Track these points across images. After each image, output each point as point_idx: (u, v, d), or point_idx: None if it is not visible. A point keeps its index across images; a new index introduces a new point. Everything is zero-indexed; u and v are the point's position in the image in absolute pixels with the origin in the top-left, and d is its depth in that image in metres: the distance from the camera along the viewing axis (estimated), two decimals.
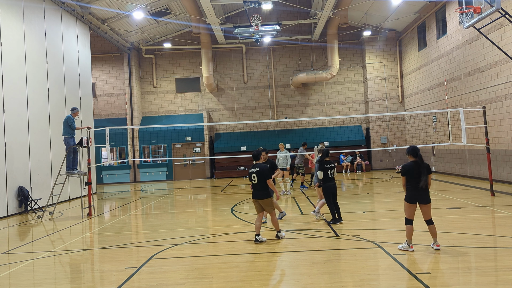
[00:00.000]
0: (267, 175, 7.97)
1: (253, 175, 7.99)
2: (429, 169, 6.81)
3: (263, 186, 7.97)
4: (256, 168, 8.02)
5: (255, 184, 8.02)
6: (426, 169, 6.75)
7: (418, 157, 6.81)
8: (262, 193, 8.00)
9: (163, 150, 26.12)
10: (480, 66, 16.61)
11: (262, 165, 8.10)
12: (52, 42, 16.67)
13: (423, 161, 6.80)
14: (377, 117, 25.72)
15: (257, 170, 7.98)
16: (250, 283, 5.69)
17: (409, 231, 6.82)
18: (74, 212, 13.64)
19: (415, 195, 6.75)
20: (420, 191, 6.71)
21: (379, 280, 5.59)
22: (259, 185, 7.97)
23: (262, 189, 7.98)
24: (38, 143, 15.14)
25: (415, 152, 6.86)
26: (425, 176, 6.68)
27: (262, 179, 7.93)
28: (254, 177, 7.98)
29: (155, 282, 5.90)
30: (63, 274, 6.75)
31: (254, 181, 8.00)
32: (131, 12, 20.64)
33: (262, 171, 7.95)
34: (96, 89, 26.32)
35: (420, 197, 6.74)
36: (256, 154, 8.28)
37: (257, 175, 7.95)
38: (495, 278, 5.48)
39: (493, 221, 9.25)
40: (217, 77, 26.93)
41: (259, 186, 7.98)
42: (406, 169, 6.85)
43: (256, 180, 7.97)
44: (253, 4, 18.84)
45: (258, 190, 8.03)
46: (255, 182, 8.00)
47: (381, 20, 24.31)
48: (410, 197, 6.80)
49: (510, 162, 15.05)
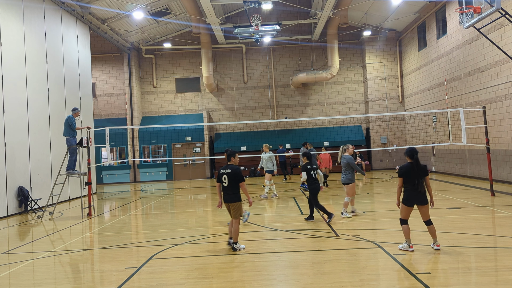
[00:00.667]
0: (240, 177, 7.43)
1: (224, 176, 7.45)
2: (426, 171, 6.80)
3: (234, 189, 7.43)
4: (228, 169, 7.48)
5: (225, 186, 7.46)
6: (423, 171, 6.74)
7: (414, 159, 6.77)
8: (233, 196, 7.43)
9: (163, 150, 26.12)
10: (480, 66, 16.61)
11: (234, 167, 7.55)
12: (52, 42, 16.67)
13: (419, 163, 6.78)
14: (377, 117, 25.72)
15: (229, 172, 7.43)
16: (250, 283, 5.69)
17: (406, 231, 6.83)
18: (74, 212, 13.64)
19: (413, 197, 6.73)
20: (418, 194, 6.69)
21: (379, 280, 5.59)
22: (230, 188, 7.42)
23: (233, 192, 7.43)
24: (38, 143, 15.14)
25: (411, 153, 6.83)
26: (422, 179, 6.68)
27: (233, 181, 7.40)
28: (225, 178, 7.44)
29: (155, 282, 5.90)
30: (63, 274, 6.75)
31: (225, 183, 7.44)
32: (131, 12, 20.64)
33: (234, 173, 7.40)
34: (96, 89, 26.32)
35: (418, 200, 6.73)
36: (230, 153, 7.72)
37: (229, 177, 7.40)
38: (495, 278, 5.48)
39: (493, 221, 9.25)
40: (217, 77, 26.94)
41: (230, 189, 7.43)
42: (403, 170, 6.83)
43: (227, 183, 7.43)
44: (253, 4, 18.83)
45: (229, 194, 7.45)
46: (225, 185, 7.45)
47: (381, 20, 24.31)
48: (408, 199, 6.78)
49: (510, 162, 15.05)
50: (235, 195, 7.45)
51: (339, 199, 13.94)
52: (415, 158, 6.80)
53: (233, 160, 7.69)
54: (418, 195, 6.70)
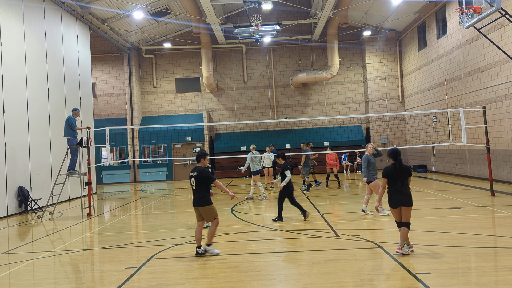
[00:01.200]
0: (208, 178, 7.09)
1: (192, 179, 7.13)
2: (409, 172, 6.70)
3: (202, 191, 7.10)
4: (196, 172, 7.11)
5: (194, 190, 7.17)
6: (406, 173, 6.64)
7: (397, 161, 6.68)
8: (201, 200, 7.11)
9: (163, 150, 26.12)
10: (480, 66, 16.61)
11: (201, 169, 7.15)
12: (52, 42, 16.67)
13: (402, 164, 6.67)
14: (377, 117, 25.72)
15: (196, 175, 7.07)
16: (250, 283, 5.69)
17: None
18: (74, 212, 13.64)
19: (397, 198, 6.60)
20: (402, 195, 6.57)
21: (379, 280, 5.59)
22: (198, 190, 7.10)
23: (201, 195, 7.10)
24: (38, 143, 15.14)
25: (394, 155, 6.75)
26: (405, 180, 6.58)
27: (201, 184, 7.08)
28: (193, 182, 7.12)
29: (155, 282, 5.90)
30: (63, 274, 6.75)
31: (193, 186, 7.13)
32: (131, 12, 20.64)
33: (201, 175, 7.06)
34: (96, 89, 26.32)
35: (402, 201, 6.58)
36: (198, 155, 7.31)
37: (196, 179, 7.07)
38: (495, 278, 5.48)
39: (493, 221, 9.25)
40: (217, 77, 26.94)
41: (198, 192, 7.11)
42: (387, 171, 6.74)
43: (195, 186, 7.10)
44: (253, 4, 18.83)
45: (197, 197, 7.14)
46: (194, 188, 7.15)
47: (381, 20, 24.31)
48: (392, 201, 6.66)
49: (510, 162, 15.05)
50: (204, 198, 7.10)
51: (338, 199, 13.94)
52: (398, 159, 6.69)
53: (203, 162, 7.28)
54: (402, 196, 6.57)
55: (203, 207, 7.12)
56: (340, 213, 11.22)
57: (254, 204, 13.56)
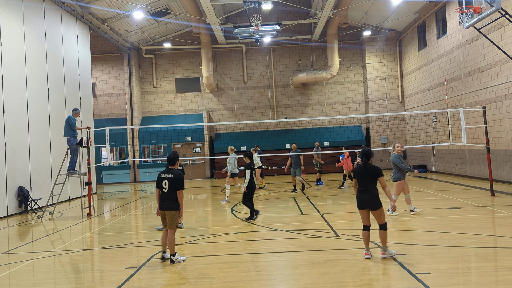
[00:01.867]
0: (181, 184, 6.92)
1: (165, 182, 6.92)
2: (379, 173, 6.50)
3: (173, 196, 6.91)
4: (170, 174, 6.94)
5: (164, 192, 6.93)
6: (373, 174, 6.46)
7: (363, 161, 6.55)
8: (172, 204, 6.90)
9: (163, 150, 26.12)
10: (480, 66, 16.61)
11: (177, 172, 6.98)
12: (52, 42, 16.67)
13: (368, 165, 6.51)
14: (377, 117, 25.72)
15: (171, 177, 6.91)
16: (250, 283, 5.69)
17: (364, 237, 6.57)
18: (74, 212, 13.64)
19: (362, 199, 6.49)
20: (367, 196, 6.44)
21: (379, 280, 5.59)
22: (170, 194, 6.90)
23: (173, 199, 6.91)
24: (38, 143, 15.14)
25: (362, 155, 6.58)
26: (372, 182, 6.43)
27: (173, 188, 6.89)
28: (165, 184, 6.90)
29: (155, 282, 5.90)
30: (63, 274, 6.75)
31: (165, 189, 6.91)
32: (131, 12, 20.64)
33: (176, 179, 6.89)
34: (96, 89, 26.32)
35: (368, 203, 6.45)
36: (173, 157, 7.18)
37: (170, 182, 6.89)
38: (495, 278, 5.48)
39: (493, 221, 9.25)
40: (217, 77, 26.94)
41: (170, 196, 6.91)
42: (355, 171, 6.68)
43: (167, 188, 6.90)
44: (253, 4, 18.83)
45: (167, 200, 6.91)
46: (165, 190, 6.92)
47: (381, 20, 24.31)
48: (358, 202, 6.57)
49: (510, 162, 15.05)
50: (175, 202, 6.92)
51: (338, 199, 13.94)
52: (363, 160, 6.53)
53: (177, 164, 7.22)
54: (367, 198, 6.44)
55: (173, 211, 6.90)
56: (340, 213, 11.22)
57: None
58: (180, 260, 6.87)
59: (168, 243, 6.87)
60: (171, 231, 6.89)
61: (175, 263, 6.75)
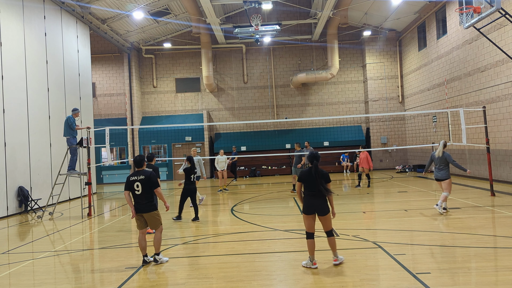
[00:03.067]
0: (154, 183, 6.82)
1: (137, 184, 6.75)
2: (328, 178, 6.26)
3: (148, 196, 6.79)
4: (141, 175, 6.79)
5: (138, 195, 6.76)
6: (325, 178, 6.21)
7: (314, 165, 6.21)
8: (149, 205, 6.79)
9: (163, 150, 26.12)
10: (480, 66, 16.61)
11: (147, 172, 6.87)
12: (52, 42, 16.67)
13: (317, 169, 6.18)
14: (377, 117, 25.73)
15: (142, 178, 6.76)
16: (250, 283, 5.69)
17: (309, 247, 6.29)
18: (74, 212, 13.64)
19: (311, 204, 6.22)
20: (318, 201, 6.18)
21: (379, 280, 5.59)
22: (144, 195, 6.76)
23: (148, 200, 6.79)
24: (38, 143, 15.14)
25: (311, 159, 6.25)
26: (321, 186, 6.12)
27: (148, 188, 6.77)
28: (138, 186, 6.74)
29: (155, 282, 5.90)
30: (63, 274, 6.75)
31: (138, 191, 6.75)
32: (131, 12, 20.64)
33: (149, 179, 6.77)
34: (96, 89, 26.32)
35: (316, 208, 6.20)
36: (139, 159, 7.01)
37: (142, 183, 6.74)
38: (495, 278, 5.48)
39: (493, 221, 9.25)
40: (217, 77, 26.94)
41: (144, 197, 6.77)
42: (301, 174, 6.33)
43: (140, 190, 6.74)
44: (253, 4, 18.83)
45: (143, 202, 6.77)
46: (138, 193, 6.76)
47: (381, 20, 24.31)
48: (306, 207, 6.26)
49: (510, 162, 15.05)
50: (151, 203, 6.81)
51: (338, 199, 13.94)
52: (314, 163, 6.21)
53: (145, 165, 7.14)
54: (319, 203, 6.18)
55: (150, 212, 6.80)
56: (340, 213, 11.21)
57: (254, 204, 13.56)
58: (164, 260, 6.80)
59: (154, 242, 6.82)
60: (158, 230, 6.88)
61: (158, 263, 6.70)
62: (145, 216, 6.84)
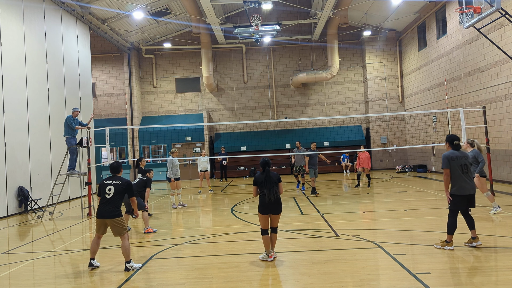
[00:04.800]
0: (132, 191, 6.83)
1: (110, 187, 6.63)
2: (280, 178, 6.79)
3: (118, 203, 6.64)
4: (117, 181, 6.71)
5: (107, 198, 6.59)
6: (277, 180, 6.71)
7: (265, 171, 6.74)
8: (116, 211, 6.60)
9: (163, 150, 26.12)
10: (480, 66, 16.61)
11: (125, 180, 6.81)
12: (52, 42, 16.67)
13: (268, 173, 6.72)
14: (377, 117, 25.73)
15: (118, 183, 6.68)
16: (250, 283, 5.69)
17: (265, 242, 6.72)
18: (74, 212, 13.64)
19: (268, 206, 6.63)
20: (271, 203, 6.60)
21: (379, 280, 5.59)
22: (113, 201, 6.59)
23: (116, 206, 6.62)
24: (38, 143, 15.14)
25: (262, 165, 6.82)
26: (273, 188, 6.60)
27: (120, 194, 6.65)
28: (110, 190, 6.61)
29: (155, 282, 5.90)
30: (63, 274, 6.75)
31: (108, 194, 6.60)
32: (131, 12, 20.64)
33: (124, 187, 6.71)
34: (96, 89, 26.32)
35: (272, 209, 6.63)
36: (116, 165, 6.98)
37: (116, 188, 6.63)
38: (495, 278, 5.48)
39: (493, 221, 9.24)
40: (217, 77, 26.94)
41: (113, 203, 6.59)
42: (255, 179, 6.83)
43: (111, 194, 6.60)
44: (253, 4, 18.84)
45: (109, 207, 6.56)
46: (108, 196, 6.59)
47: (381, 20, 24.31)
48: (262, 208, 6.69)
49: (510, 162, 15.05)
50: (116, 209, 6.61)
51: (338, 199, 13.93)
52: (266, 169, 6.76)
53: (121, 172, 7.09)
54: (271, 205, 6.61)
55: (113, 219, 6.56)
56: (340, 213, 11.21)
57: (254, 204, 13.55)
58: (136, 267, 6.59)
59: (122, 250, 6.58)
60: (124, 238, 6.61)
61: (130, 270, 6.49)
62: (108, 222, 6.60)
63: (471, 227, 6.90)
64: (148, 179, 10.31)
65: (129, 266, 6.54)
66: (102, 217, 6.58)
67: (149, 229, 9.54)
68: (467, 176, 6.92)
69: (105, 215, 6.56)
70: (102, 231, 6.75)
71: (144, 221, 9.67)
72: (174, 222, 10.90)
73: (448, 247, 6.75)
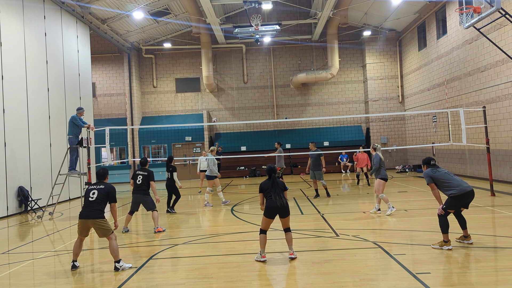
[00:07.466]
0: (114, 198, 6.90)
1: (94, 191, 6.77)
2: (284, 187, 6.86)
3: (101, 205, 6.72)
4: (102, 185, 6.88)
5: (91, 201, 6.70)
6: (282, 187, 6.79)
7: (271, 177, 6.80)
8: (99, 212, 6.68)
9: (163, 150, 26.12)
10: (480, 66, 16.61)
11: (110, 185, 6.96)
12: (52, 42, 16.67)
13: (275, 180, 6.78)
14: (377, 117, 25.73)
15: (102, 188, 6.83)
16: (250, 283, 5.69)
17: (262, 240, 6.75)
18: (74, 212, 13.64)
19: (275, 210, 6.66)
20: (279, 208, 6.65)
21: (379, 280, 5.58)
22: (97, 203, 6.70)
23: (100, 208, 6.71)
24: (38, 143, 15.14)
25: (269, 172, 6.88)
26: (281, 193, 6.69)
27: (105, 199, 6.77)
28: (94, 193, 6.74)
29: (155, 282, 5.90)
30: (63, 274, 6.75)
31: (92, 198, 6.72)
32: (131, 12, 20.64)
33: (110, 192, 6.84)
34: (96, 89, 26.32)
35: (280, 212, 6.69)
36: (103, 173, 7.20)
37: (100, 192, 6.76)
38: (495, 278, 5.48)
39: (493, 221, 9.25)
40: (217, 77, 26.94)
41: (97, 205, 6.69)
42: (261, 186, 6.88)
43: (94, 198, 6.71)
44: (253, 4, 18.84)
45: (94, 209, 6.66)
46: (91, 199, 6.71)
47: (381, 20, 24.31)
48: (269, 213, 6.73)
49: (510, 162, 15.05)
50: (101, 211, 6.71)
51: (338, 199, 13.93)
52: (272, 176, 6.82)
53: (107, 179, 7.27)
54: (280, 209, 6.65)
55: (96, 219, 6.61)
56: (340, 213, 11.22)
57: (254, 204, 13.55)
58: (126, 267, 6.59)
59: (110, 250, 6.64)
60: (111, 238, 6.66)
61: (120, 270, 6.50)
62: (90, 224, 6.65)
63: (463, 227, 7.11)
64: (151, 172, 10.11)
65: (118, 265, 6.56)
66: (84, 218, 6.67)
67: (159, 228, 9.54)
68: (457, 177, 7.17)
69: (85, 216, 6.66)
70: (84, 233, 6.78)
71: (154, 220, 9.61)
72: (174, 222, 10.90)
73: (447, 247, 6.76)
